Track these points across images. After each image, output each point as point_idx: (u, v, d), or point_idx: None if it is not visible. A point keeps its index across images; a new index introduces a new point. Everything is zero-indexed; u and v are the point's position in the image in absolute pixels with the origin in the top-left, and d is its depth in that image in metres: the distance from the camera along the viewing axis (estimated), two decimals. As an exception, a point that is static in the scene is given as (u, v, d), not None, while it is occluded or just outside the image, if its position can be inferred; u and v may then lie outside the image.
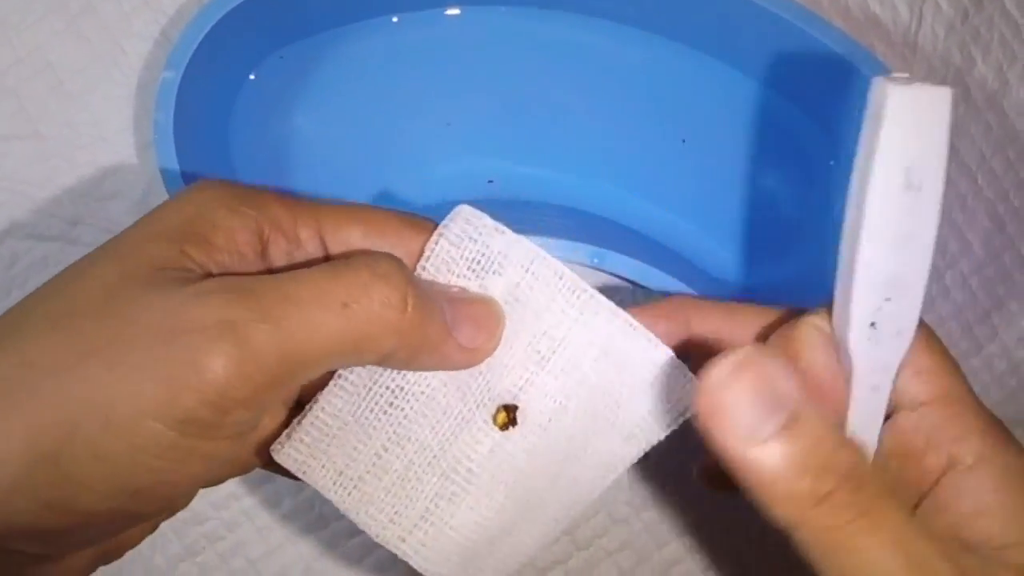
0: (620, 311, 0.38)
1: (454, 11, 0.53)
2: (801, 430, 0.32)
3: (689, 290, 0.48)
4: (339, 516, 0.54)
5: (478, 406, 0.38)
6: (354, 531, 0.55)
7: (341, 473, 0.38)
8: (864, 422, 0.37)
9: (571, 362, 0.38)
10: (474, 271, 0.37)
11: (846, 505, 0.32)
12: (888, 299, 0.35)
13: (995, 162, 0.55)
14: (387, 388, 0.37)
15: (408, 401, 0.38)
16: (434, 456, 0.38)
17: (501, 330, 0.37)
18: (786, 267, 0.54)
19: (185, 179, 0.47)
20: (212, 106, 0.50)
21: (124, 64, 0.51)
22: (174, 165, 0.47)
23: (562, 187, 0.53)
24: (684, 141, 0.53)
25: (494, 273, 0.37)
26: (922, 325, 0.36)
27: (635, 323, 0.38)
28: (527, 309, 0.38)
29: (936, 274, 0.56)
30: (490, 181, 0.52)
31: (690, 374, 0.38)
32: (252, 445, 0.39)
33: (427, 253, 0.37)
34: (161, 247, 0.34)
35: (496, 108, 0.53)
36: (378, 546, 0.54)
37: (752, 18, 0.50)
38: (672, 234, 0.53)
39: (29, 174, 0.51)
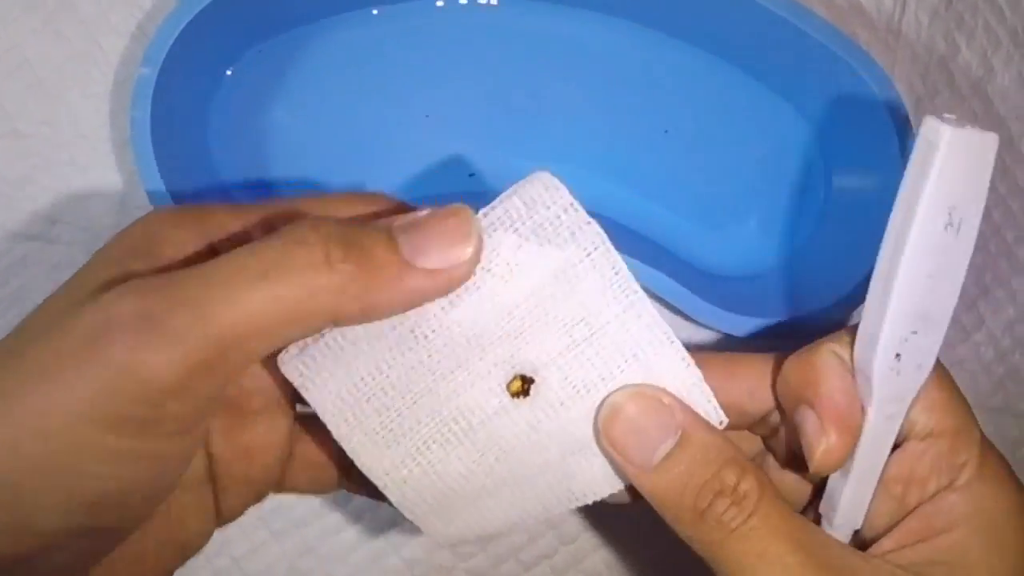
0: (662, 322, 0.38)
1: (435, 3, 0.52)
2: (683, 453, 0.37)
3: (670, 281, 0.48)
4: (323, 515, 0.54)
5: (496, 366, 0.38)
6: (339, 528, 0.55)
7: (342, 399, 0.37)
8: (875, 448, 0.39)
9: (601, 357, 0.38)
10: (537, 236, 0.36)
11: (729, 516, 0.36)
12: (915, 332, 0.36)
13: (980, 149, 0.55)
14: (410, 331, 0.37)
15: (428, 346, 0.37)
16: (439, 403, 0.38)
17: (476, 240, 0.34)
18: (769, 257, 0.54)
19: (164, 176, 0.46)
20: (190, 102, 0.50)
21: (101, 61, 0.51)
22: (152, 163, 0.46)
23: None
24: (667, 132, 0.53)
25: (556, 246, 0.37)
26: (936, 361, 0.38)
27: (673, 337, 0.38)
28: (574, 292, 0.37)
29: (922, 263, 0.55)
30: (471, 174, 0.52)
31: (714, 400, 0.39)
32: (269, 465, 0.41)
33: (494, 204, 0.36)
34: (107, 269, 0.34)
35: (477, 100, 0.53)
36: (362, 542, 0.55)
37: (735, 7, 0.49)
38: (655, 226, 0.53)
39: (7, 172, 0.51)
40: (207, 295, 0.31)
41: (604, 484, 0.41)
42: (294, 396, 0.39)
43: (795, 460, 0.42)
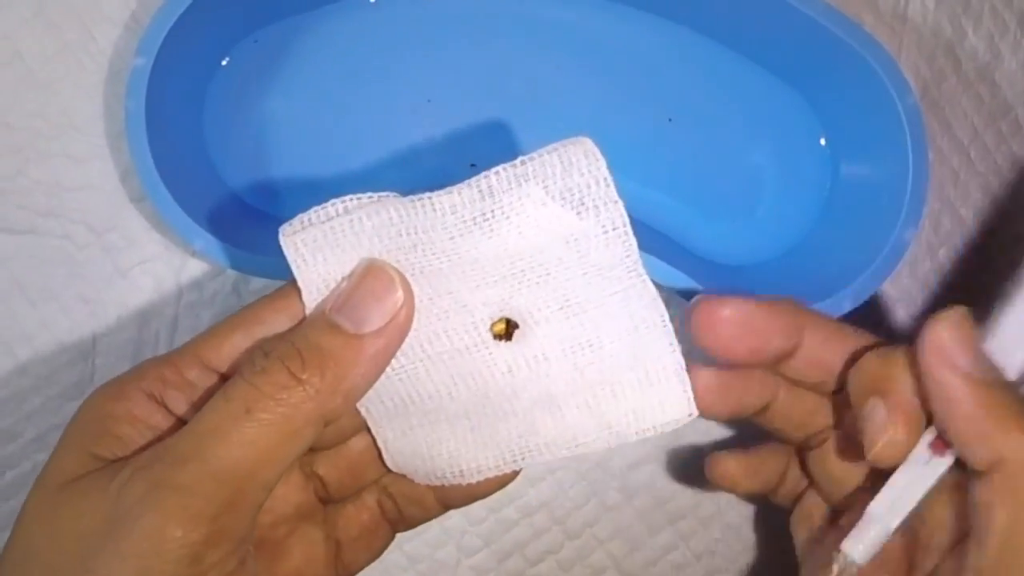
0: (660, 304, 0.39)
1: (433, -10, 0.51)
2: None
3: (676, 271, 0.47)
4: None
5: (484, 305, 0.39)
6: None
7: (327, 284, 0.38)
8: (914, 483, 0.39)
9: (594, 324, 0.39)
10: (564, 199, 0.37)
11: None
12: None
13: (988, 136, 0.54)
14: (413, 245, 0.37)
15: (424, 262, 0.38)
16: (421, 319, 0.39)
17: (400, 280, 0.37)
18: (774, 246, 0.53)
19: (159, 168, 0.45)
20: (185, 92, 0.49)
21: (94, 51, 0.50)
22: (147, 154, 0.45)
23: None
24: (671, 120, 0.52)
25: (578, 214, 0.37)
26: None
27: (668, 323, 0.39)
28: (582, 263, 0.38)
29: (929, 251, 0.55)
30: (472, 165, 0.51)
31: (690, 391, 0.40)
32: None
33: (532, 155, 0.37)
34: (73, 461, 0.36)
35: (477, 89, 0.52)
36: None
37: (737, -8, 0.49)
38: (658, 215, 0.52)
39: (-1, 165, 0.50)
40: (202, 447, 0.34)
41: (563, 446, 0.41)
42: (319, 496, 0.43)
43: (848, 449, 0.43)
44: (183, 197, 0.46)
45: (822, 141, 0.53)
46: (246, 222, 0.49)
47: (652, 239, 0.50)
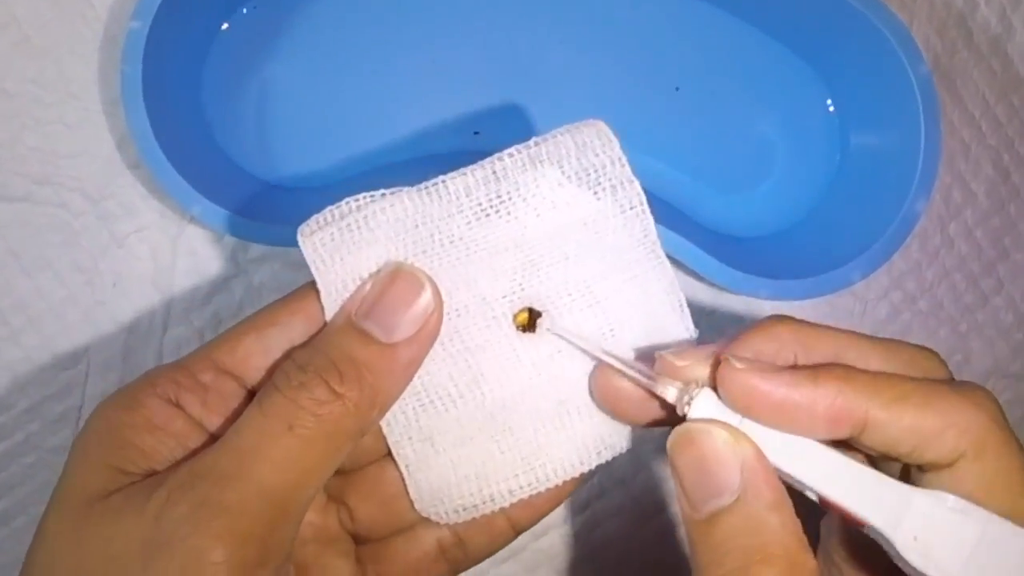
0: (678, 290, 0.38)
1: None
2: (731, 519, 0.32)
3: (687, 243, 0.46)
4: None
5: (503, 297, 0.37)
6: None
7: (345, 285, 0.36)
8: None
9: (615, 310, 0.38)
10: (580, 179, 0.36)
11: None
12: None
13: (999, 109, 0.53)
14: (430, 235, 0.36)
15: (443, 253, 0.37)
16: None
17: (427, 281, 0.36)
18: (784, 218, 0.52)
19: (155, 133, 0.44)
20: (183, 58, 0.48)
21: (91, 16, 0.49)
22: (144, 120, 0.44)
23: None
24: (678, 89, 0.51)
25: (595, 195, 0.37)
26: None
27: (685, 308, 0.38)
28: (599, 243, 0.37)
29: (940, 224, 0.54)
30: (476, 132, 0.50)
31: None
32: None
33: (546, 137, 0.36)
34: (94, 474, 0.34)
35: (482, 58, 0.51)
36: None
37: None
38: (667, 187, 0.51)
39: (-6, 132, 0.49)
40: (245, 465, 0.33)
41: (592, 451, 0.39)
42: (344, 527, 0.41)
43: None
44: (180, 163, 0.45)
45: (830, 106, 0.52)
46: (244, 189, 0.48)
47: (661, 211, 0.49)
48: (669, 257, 0.38)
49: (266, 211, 0.46)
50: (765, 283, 0.48)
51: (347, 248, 0.36)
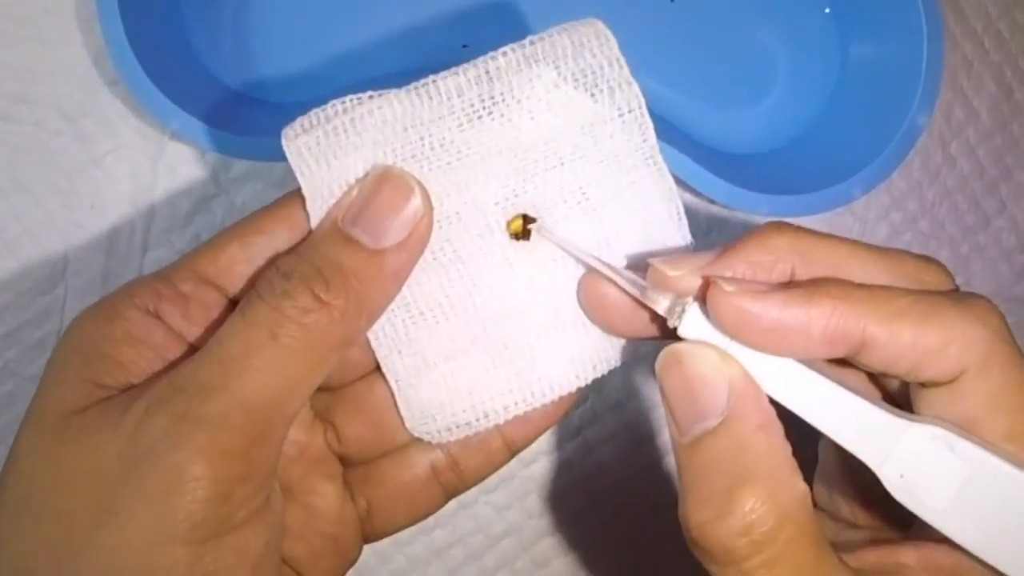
0: (676, 197, 0.37)
1: None
2: (717, 442, 0.32)
3: (686, 159, 0.45)
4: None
5: (496, 203, 0.36)
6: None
7: (331, 192, 0.35)
8: None
9: (610, 219, 0.37)
10: (576, 80, 0.35)
11: (741, 551, 0.31)
12: None
13: (1002, 24, 0.52)
14: (420, 137, 0.35)
15: (432, 157, 0.35)
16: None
17: (416, 185, 0.34)
18: (782, 131, 0.51)
19: (133, 47, 0.43)
20: (160, -32, 0.46)
21: (65, -74, 0.47)
22: (120, 34, 0.43)
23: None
24: (672, 0, 0.50)
25: (592, 96, 0.35)
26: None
27: (683, 216, 0.37)
28: (596, 147, 0.36)
29: (941, 143, 0.53)
30: (464, 46, 0.49)
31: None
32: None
33: (541, 35, 0.35)
34: (71, 388, 0.33)
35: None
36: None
37: None
38: (662, 101, 0.50)
39: (-33, 50, 0.48)
40: (227, 376, 0.31)
41: (588, 365, 0.38)
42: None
43: None
44: (158, 77, 0.43)
45: (831, 21, 0.51)
46: (224, 104, 0.47)
47: (658, 128, 0.48)
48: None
49: (246, 126, 0.45)
50: (764, 199, 0.46)
51: (333, 152, 0.35)
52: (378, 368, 0.38)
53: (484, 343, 0.37)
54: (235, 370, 0.31)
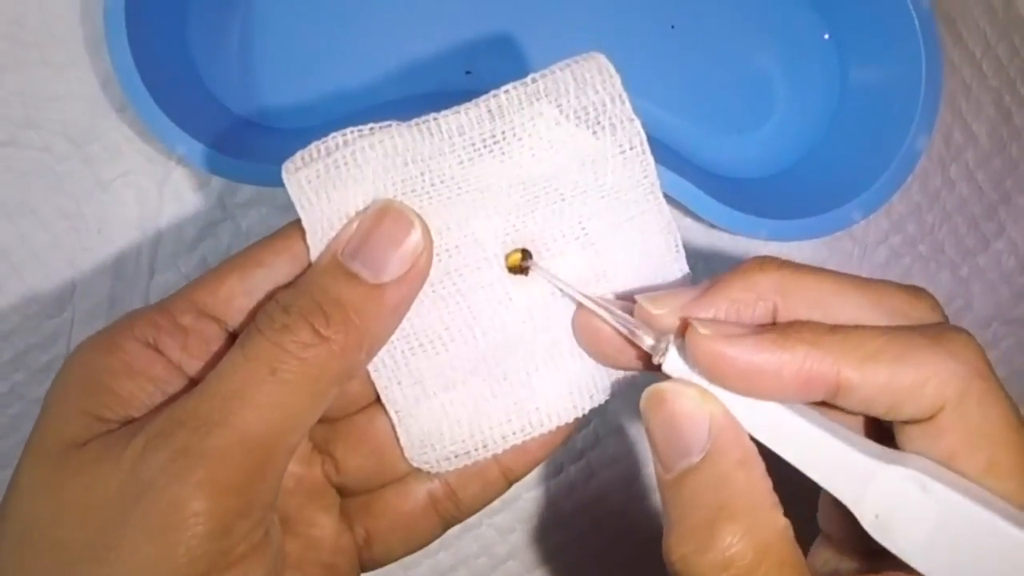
0: (675, 232, 0.37)
1: None
2: (699, 476, 0.32)
3: (682, 181, 0.45)
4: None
5: (495, 237, 0.37)
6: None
7: (331, 225, 0.35)
8: None
9: (608, 253, 0.37)
10: (578, 117, 0.35)
11: None
12: None
13: (1000, 49, 0.53)
14: (420, 173, 0.35)
15: (433, 193, 0.35)
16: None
17: (417, 219, 0.35)
18: (782, 155, 0.51)
19: (140, 72, 0.43)
20: (167, -6, 0.47)
21: (71, -48, 0.48)
22: (128, 60, 0.43)
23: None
24: (673, 27, 0.50)
25: (593, 133, 0.35)
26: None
27: (681, 248, 0.37)
28: (598, 186, 0.36)
29: (941, 166, 0.53)
30: (468, 72, 0.49)
31: None
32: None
33: (544, 72, 0.35)
34: (71, 421, 0.33)
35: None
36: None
37: None
38: (663, 126, 0.50)
39: (-25, 76, 0.48)
40: (227, 411, 0.31)
41: (587, 396, 0.39)
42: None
43: None
44: (165, 103, 0.44)
45: (831, 46, 0.51)
46: (230, 129, 0.47)
47: (658, 152, 0.48)
48: (666, 197, 0.38)
49: (252, 151, 0.45)
50: (763, 223, 0.47)
51: (333, 185, 0.35)
52: (378, 400, 0.38)
53: (483, 374, 0.38)
54: (235, 405, 0.32)
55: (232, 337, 0.35)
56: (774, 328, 0.32)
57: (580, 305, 0.36)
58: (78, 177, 0.48)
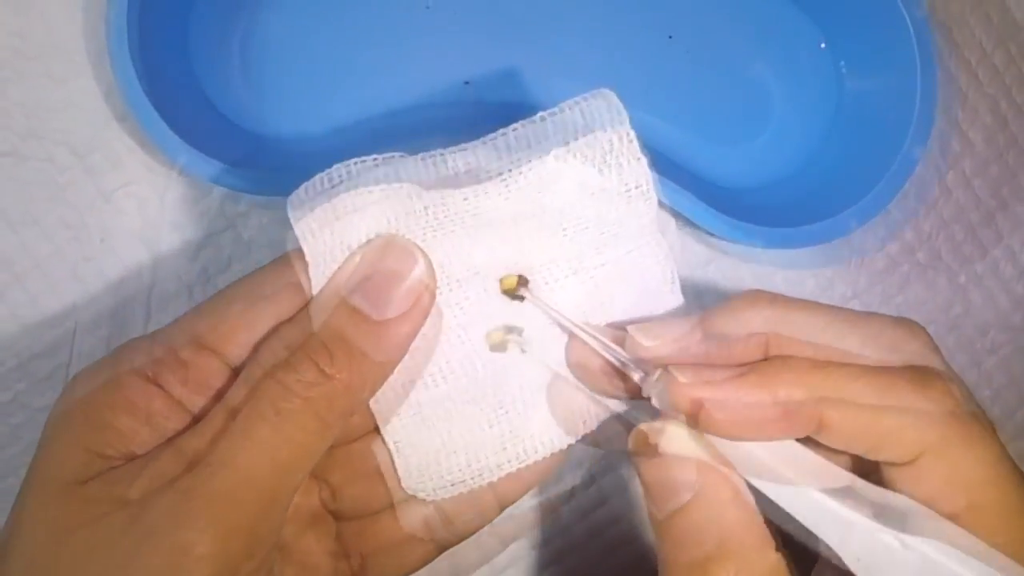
0: (672, 263, 0.38)
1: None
2: (690, 516, 0.32)
3: (681, 190, 0.46)
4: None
5: (496, 270, 0.37)
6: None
7: (334, 257, 0.35)
8: None
9: (607, 285, 0.37)
10: (584, 155, 0.35)
11: None
12: None
13: (996, 57, 0.53)
14: (424, 207, 0.35)
15: (435, 226, 0.36)
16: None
17: (418, 252, 0.35)
18: (779, 165, 0.52)
19: (143, 83, 0.44)
20: (169, 5, 0.47)
21: (74, -34, 0.48)
22: (131, 71, 0.44)
23: (542, 89, 0.50)
24: (671, 37, 0.51)
25: (599, 171, 0.36)
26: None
27: (676, 281, 0.38)
28: (600, 222, 0.37)
29: (938, 174, 0.53)
30: (466, 83, 0.49)
31: None
32: None
33: (553, 111, 0.35)
34: (72, 457, 0.33)
35: (474, 7, 0.50)
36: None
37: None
38: (660, 137, 0.51)
39: (-23, 87, 0.48)
40: (232, 452, 0.31)
41: (579, 424, 0.39)
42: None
43: None
44: (167, 113, 0.44)
45: (828, 56, 0.51)
46: (232, 140, 0.48)
47: (655, 162, 0.49)
48: (665, 207, 0.38)
49: (253, 161, 0.46)
50: (762, 232, 0.47)
51: (337, 217, 0.35)
52: (375, 429, 0.38)
53: (482, 404, 0.38)
54: (240, 445, 0.32)
55: (234, 372, 0.35)
56: (756, 368, 0.33)
57: (572, 335, 0.37)
58: (80, 187, 0.49)
